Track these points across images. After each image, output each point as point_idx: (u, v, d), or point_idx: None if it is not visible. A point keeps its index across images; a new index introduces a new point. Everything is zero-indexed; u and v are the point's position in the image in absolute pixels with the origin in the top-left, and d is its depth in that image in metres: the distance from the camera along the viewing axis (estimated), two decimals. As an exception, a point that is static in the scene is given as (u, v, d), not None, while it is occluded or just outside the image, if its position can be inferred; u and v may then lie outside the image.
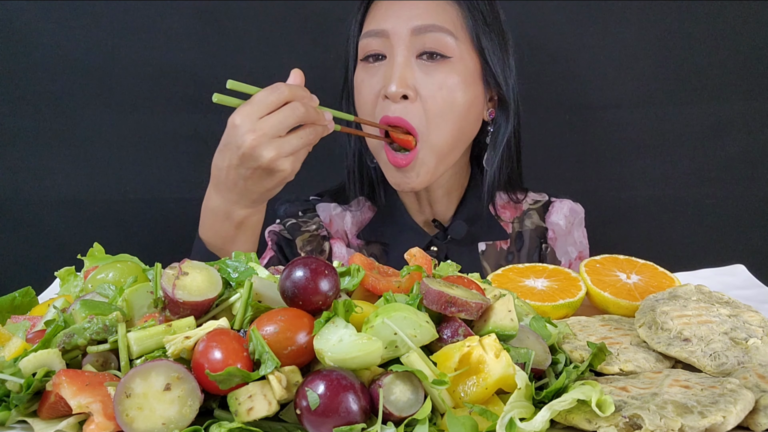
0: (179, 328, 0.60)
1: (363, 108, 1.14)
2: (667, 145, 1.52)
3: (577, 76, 1.50)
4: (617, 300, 0.86)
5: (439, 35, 1.08)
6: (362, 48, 1.13)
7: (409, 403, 0.56)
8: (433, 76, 1.08)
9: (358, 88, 1.15)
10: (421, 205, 1.24)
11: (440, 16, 1.10)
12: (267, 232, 1.24)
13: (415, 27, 1.08)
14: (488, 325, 0.64)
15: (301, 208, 1.26)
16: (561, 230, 1.27)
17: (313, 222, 1.24)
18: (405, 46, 1.08)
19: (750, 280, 0.97)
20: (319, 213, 1.26)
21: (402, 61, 1.08)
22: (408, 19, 1.09)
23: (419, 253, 0.76)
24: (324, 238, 1.23)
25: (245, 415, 0.54)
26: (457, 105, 1.10)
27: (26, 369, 0.58)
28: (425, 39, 1.08)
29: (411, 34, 1.08)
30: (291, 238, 1.22)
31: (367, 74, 1.13)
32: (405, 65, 1.08)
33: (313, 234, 1.23)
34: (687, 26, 1.47)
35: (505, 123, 1.18)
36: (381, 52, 1.11)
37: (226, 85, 0.86)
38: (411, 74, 1.08)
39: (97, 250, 0.79)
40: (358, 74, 1.15)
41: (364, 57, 1.13)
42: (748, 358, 0.66)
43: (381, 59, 1.12)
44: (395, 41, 1.09)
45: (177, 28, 1.44)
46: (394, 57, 1.09)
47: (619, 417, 0.56)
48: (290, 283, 0.60)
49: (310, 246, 1.22)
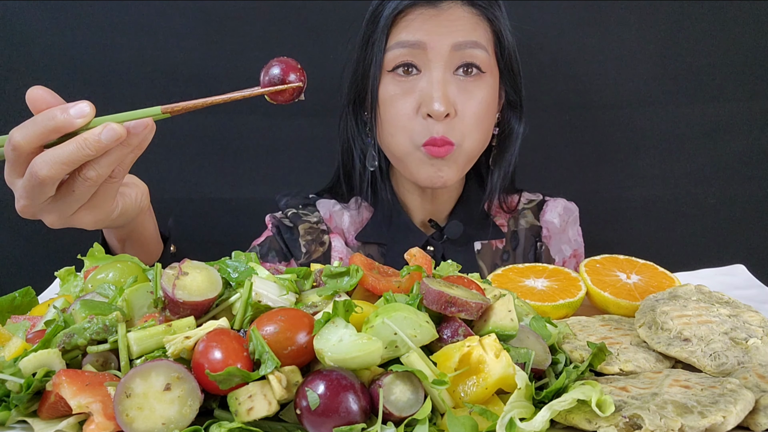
0: (179, 328, 0.60)
1: (395, 121, 1.11)
2: (667, 145, 1.52)
3: (577, 76, 1.50)
4: (617, 300, 0.86)
5: (476, 52, 1.10)
6: (392, 59, 1.11)
7: (409, 403, 0.56)
8: (469, 91, 1.10)
9: (388, 101, 1.12)
10: (422, 205, 1.25)
11: (476, 32, 1.11)
12: (267, 216, 1.26)
13: (456, 43, 1.08)
14: (488, 325, 0.64)
15: (301, 203, 1.28)
16: (555, 228, 1.28)
17: (314, 216, 1.26)
18: (444, 62, 1.08)
19: (750, 280, 0.97)
20: (319, 209, 1.27)
21: (441, 77, 1.08)
22: (448, 33, 1.08)
23: (419, 253, 0.76)
24: (324, 232, 1.24)
25: (245, 415, 0.55)
26: (489, 116, 1.14)
27: (26, 369, 0.58)
28: (464, 55, 1.09)
29: (451, 50, 1.08)
30: (292, 225, 1.23)
31: (400, 88, 1.11)
32: (445, 82, 1.08)
33: (313, 225, 1.24)
34: (687, 26, 1.47)
35: (518, 125, 1.21)
36: (416, 64, 1.10)
37: None
38: (450, 91, 1.09)
39: (97, 250, 0.79)
40: (387, 86, 1.12)
41: (394, 68, 1.11)
42: (748, 358, 0.66)
43: (414, 72, 1.11)
44: (433, 56, 1.08)
45: (177, 27, 1.44)
46: (431, 71, 1.09)
47: (619, 417, 0.56)
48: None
49: (311, 236, 1.23)
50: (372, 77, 1.13)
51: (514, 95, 1.20)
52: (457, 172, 1.13)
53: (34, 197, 0.71)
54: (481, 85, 1.11)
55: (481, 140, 1.15)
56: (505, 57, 1.15)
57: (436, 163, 1.11)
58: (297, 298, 0.66)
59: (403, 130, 1.11)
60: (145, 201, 0.87)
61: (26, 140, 0.68)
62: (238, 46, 1.46)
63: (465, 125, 1.10)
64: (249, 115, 1.46)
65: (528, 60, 1.26)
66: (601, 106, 1.51)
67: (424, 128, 1.09)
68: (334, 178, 1.31)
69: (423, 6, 1.10)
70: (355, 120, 1.22)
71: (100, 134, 0.67)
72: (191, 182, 1.51)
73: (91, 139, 0.67)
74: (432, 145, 1.08)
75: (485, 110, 1.12)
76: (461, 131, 1.10)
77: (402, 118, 1.10)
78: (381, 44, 1.11)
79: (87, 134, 0.68)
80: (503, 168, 1.22)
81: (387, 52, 1.11)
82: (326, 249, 1.23)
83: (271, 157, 1.52)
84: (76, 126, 0.68)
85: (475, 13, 1.12)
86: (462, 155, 1.12)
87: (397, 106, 1.11)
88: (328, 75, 1.30)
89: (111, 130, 0.68)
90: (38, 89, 0.71)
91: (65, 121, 0.68)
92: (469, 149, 1.13)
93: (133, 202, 0.84)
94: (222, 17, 1.45)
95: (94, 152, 0.68)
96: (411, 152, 1.12)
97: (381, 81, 1.13)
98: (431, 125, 1.08)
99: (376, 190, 1.24)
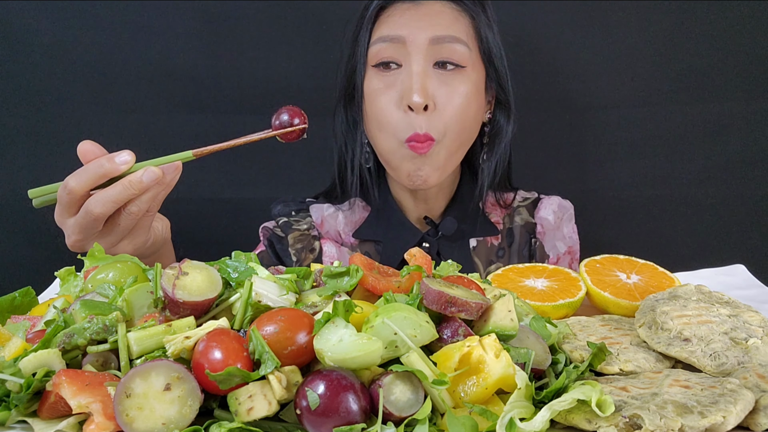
0: (179, 328, 0.60)
1: (378, 115, 1.13)
2: (667, 145, 1.52)
3: (576, 76, 1.50)
4: (617, 300, 0.86)
5: (456, 46, 1.10)
6: (375, 54, 1.13)
7: (409, 403, 0.56)
8: (450, 85, 1.11)
9: (372, 96, 1.14)
10: (416, 203, 1.26)
11: (456, 26, 1.12)
12: (261, 228, 1.28)
13: (434, 37, 1.09)
14: (488, 325, 0.64)
15: (295, 209, 1.30)
16: (549, 225, 1.29)
17: (305, 222, 1.28)
18: (423, 55, 1.10)
19: (750, 280, 0.97)
20: (312, 214, 1.28)
21: (421, 70, 1.09)
22: (426, 27, 1.10)
23: (419, 253, 0.76)
24: (315, 238, 1.27)
25: (245, 415, 0.55)
26: (470, 112, 1.13)
27: (26, 369, 0.58)
28: (442, 49, 1.10)
29: (429, 43, 1.09)
30: (283, 235, 1.26)
31: (382, 83, 1.12)
32: (424, 75, 1.09)
33: (303, 233, 1.27)
34: (687, 26, 1.47)
35: (506, 124, 1.22)
36: (396, 59, 1.11)
37: (28, 195, 0.87)
38: (430, 83, 1.09)
39: (97, 250, 0.79)
40: (370, 81, 1.14)
41: (377, 63, 1.13)
42: (748, 358, 0.66)
43: (395, 67, 1.12)
44: (412, 49, 1.10)
45: (177, 28, 1.44)
46: (411, 65, 1.10)
47: (619, 417, 0.56)
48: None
49: (301, 244, 1.26)
50: (358, 73, 1.15)
51: (502, 93, 1.21)
52: (437, 171, 1.13)
53: (87, 232, 0.85)
54: (462, 80, 1.11)
55: (463, 135, 1.14)
56: (488, 54, 1.16)
57: (417, 161, 1.11)
58: (297, 298, 0.66)
59: (387, 125, 1.12)
60: (167, 233, 0.99)
61: (80, 185, 0.82)
62: (238, 46, 1.46)
63: (446, 118, 1.10)
64: (249, 115, 1.46)
65: (528, 60, 1.27)
66: (601, 106, 1.51)
67: (406, 123, 1.10)
68: (333, 180, 1.31)
69: (404, 2, 1.13)
70: (346, 118, 1.23)
71: (142, 176, 0.83)
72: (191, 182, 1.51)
73: (135, 181, 0.82)
74: (415, 141, 1.09)
75: (466, 104, 1.12)
76: (443, 125, 1.10)
77: (385, 112, 1.12)
78: (365, 40, 1.14)
79: (131, 177, 0.83)
80: (493, 165, 1.22)
81: (370, 47, 1.13)
82: (317, 255, 1.26)
83: (271, 158, 1.52)
84: (120, 171, 0.83)
85: (455, 8, 1.13)
86: (443, 151, 1.12)
87: (381, 100, 1.12)
88: (327, 75, 1.30)
89: (151, 172, 0.83)
90: (87, 144, 0.85)
91: (112, 168, 0.83)
92: (449, 144, 1.12)
93: (161, 233, 0.97)
94: (222, 17, 1.45)
95: (137, 191, 0.83)
96: (395, 149, 1.13)
97: (365, 76, 1.15)
98: (413, 119, 1.09)
99: (371, 188, 1.24)
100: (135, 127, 1.47)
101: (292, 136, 0.90)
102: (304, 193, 1.34)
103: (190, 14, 1.44)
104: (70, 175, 0.84)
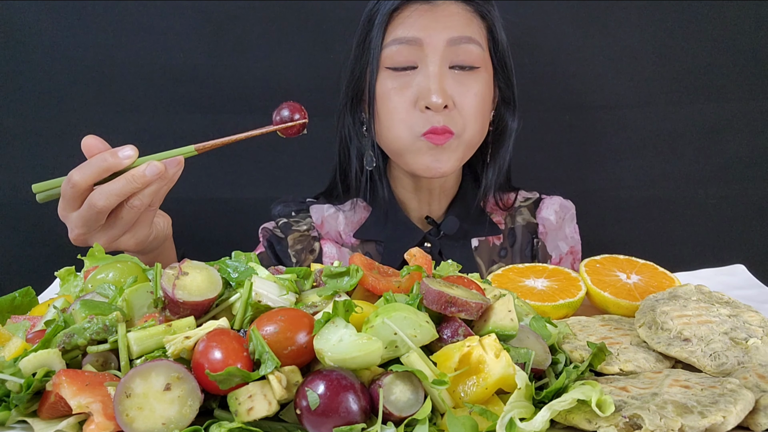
0: (179, 328, 0.60)
1: (392, 114, 1.13)
2: (667, 145, 1.52)
3: (576, 76, 1.50)
4: (617, 300, 0.86)
5: (471, 47, 1.12)
6: (389, 55, 1.13)
7: (409, 403, 0.56)
8: (465, 85, 1.12)
9: (385, 96, 1.14)
10: (419, 203, 1.26)
11: (470, 27, 1.14)
12: (261, 229, 1.28)
13: (451, 38, 1.11)
14: (488, 325, 0.64)
15: (295, 209, 1.30)
16: (551, 225, 1.29)
17: (305, 222, 1.28)
18: (440, 56, 1.11)
19: (750, 280, 0.97)
20: (312, 214, 1.29)
21: (438, 71, 1.10)
22: (443, 29, 1.11)
23: (419, 253, 0.76)
24: (314, 239, 1.27)
25: (245, 415, 0.54)
26: (485, 109, 1.16)
27: (26, 369, 0.58)
28: (459, 50, 1.12)
29: (446, 45, 1.11)
30: (283, 236, 1.26)
31: (397, 83, 1.13)
32: (442, 76, 1.11)
33: (303, 234, 1.27)
34: (687, 26, 1.47)
35: (512, 121, 1.23)
36: (412, 61, 1.12)
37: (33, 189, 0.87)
38: (448, 84, 1.11)
39: (97, 250, 0.79)
40: (384, 82, 1.14)
41: (392, 65, 1.13)
42: (748, 358, 0.66)
43: (410, 68, 1.12)
44: (429, 51, 1.11)
45: (177, 28, 1.44)
46: (428, 66, 1.11)
47: (619, 417, 0.56)
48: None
49: (301, 245, 1.26)
50: (370, 74, 1.15)
51: (508, 91, 1.22)
52: (455, 162, 1.15)
53: (90, 225, 0.85)
54: (477, 79, 1.13)
55: (480, 132, 1.17)
56: (499, 53, 1.18)
57: (435, 152, 1.12)
58: (297, 298, 0.66)
59: (402, 122, 1.12)
60: (169, 229, 1.00)
61: (84, 179, 0.82)
62: (238, 46, 1.47)
63: (464, 117, 1.12)
64: (249, 114, 1.46)
65: (528, 60, 1.27)
66: (601, 106, 1.51)
67: (423, 120, 1.11)
68: (332, 180, 1.31)
69: (418, 3, 1.13)
70: (353, 119, 1.23)
71: (145, 170, 0.83)
72: (191, 182, 1.51)
73: (137, 175, 0.82)
74: (433, 134, 1.10)
75: (482, 103, 1.14)
76: (461, 122, 1.12)
77: (400, 111, 1.12)
78: (378, 41, 1.14)
79: (134, 171, 0.83)
80: (498, 164, 1.24)
81: (384, 48, 1.13)
82: (317, 256, 1.26)
83: (271, 158, 1.52)
84: (123, 166, 0.83)
85: (468, 9, 1.14)
86: (461, 145, 1.14)
87: (395, 100, 1.13)
88: (328, 75, 1.30)
89: (154, 167, 0.83)
90: (91, 138, 0.85)
91: (115, 162, 0.83)
92: (468, 139, 1.14)
93: (162, 229, 0.97)
94: (222, 17, 1.45)
95: (140, 185, 0.83)
96: (411, 143, 1.13)
97: (378, 77, 1.14)
98: (430, 117, 1.10)
99: (374, 189, 1.24)
100: (135, 127, 1.47)
101: (293, 131, 0.90)
102: (304, 193, 1.34)
103: (190, 14, 1.44)
104: (74, 169, 0.84)
